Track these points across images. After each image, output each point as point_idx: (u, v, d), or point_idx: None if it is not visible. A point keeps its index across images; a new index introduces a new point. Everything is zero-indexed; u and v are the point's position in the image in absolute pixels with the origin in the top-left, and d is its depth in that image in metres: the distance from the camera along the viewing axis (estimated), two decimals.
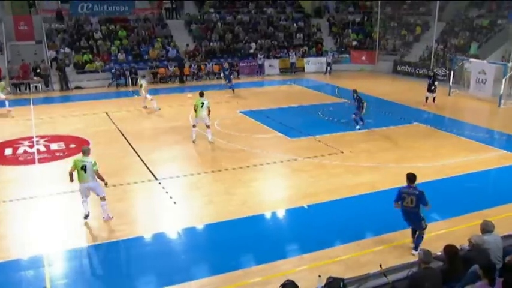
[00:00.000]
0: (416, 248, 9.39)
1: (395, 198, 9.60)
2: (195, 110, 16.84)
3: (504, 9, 33.28)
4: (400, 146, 16.99)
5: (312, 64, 35.91)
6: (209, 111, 16.93)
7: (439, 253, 7.29)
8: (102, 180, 11.01)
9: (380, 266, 6.97)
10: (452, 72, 27.14)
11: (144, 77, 26.52)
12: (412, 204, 9.36)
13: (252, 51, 34.76)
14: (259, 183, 13.48)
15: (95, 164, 10.84)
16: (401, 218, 9.80)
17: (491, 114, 23.25)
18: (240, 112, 22.02)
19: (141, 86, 23.18)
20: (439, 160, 15.25)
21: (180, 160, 15.57)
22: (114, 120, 20.65)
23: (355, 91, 19.39)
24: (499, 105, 23.69)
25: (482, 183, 13.67)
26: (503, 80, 23.76)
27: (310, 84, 30.99)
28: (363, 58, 37.29)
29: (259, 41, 35.65)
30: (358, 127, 19.11)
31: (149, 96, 22.72)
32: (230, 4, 38.52)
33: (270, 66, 34.53)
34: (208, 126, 16.91)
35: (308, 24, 39.18)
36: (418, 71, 33.03)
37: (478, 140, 17.64)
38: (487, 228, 7.67)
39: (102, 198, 11.13)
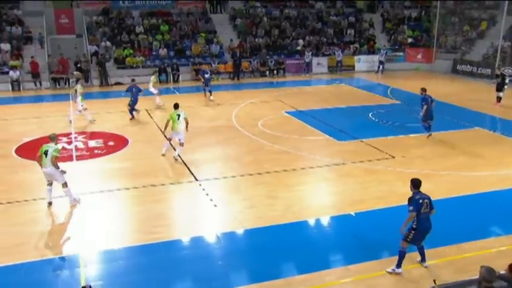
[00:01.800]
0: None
1: (413, 208, 8.96)
2: (172, 124, 15.39)
3: None
4: (458, 152, 16.53)
5: (363, 62, 35.55)
6: (187, 123, 15.53)
7: (503, 272, 7.02)
8: (57, 168, 11.65)
9: (434, 281, 6.80)
10: None
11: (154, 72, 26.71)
12: (427, 209, 9.05)
13: (299, 48, 34.71)
14: (304, 187, 13.44)
15: (56, 150, 11.59)
16: (456, 230, 9.52)
17: None
18: (286, 112, 22.02)
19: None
20: (503, 169, 14.72)
21: (222, 161, 15.71)
22: (154, 117, 21.09)
23: (423, 90, 18.23)
24: None
25: None
26: None
27: (360, 83, 30.62)
28: (419, 56, 36.56)
29: (307, 38, 35.56)
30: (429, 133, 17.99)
31: (155, 91, 23.35)
32: None
33: (318, 64, 34.39)
34: (181, 144, 15.48)
35: (360, 20, 38.76)
36: (481, 70, 32.03)
37: None
38: None
39: (63, 185, 11.81)
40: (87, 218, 11.70)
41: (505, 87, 23.19)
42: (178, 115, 15.39)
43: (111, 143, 17.54)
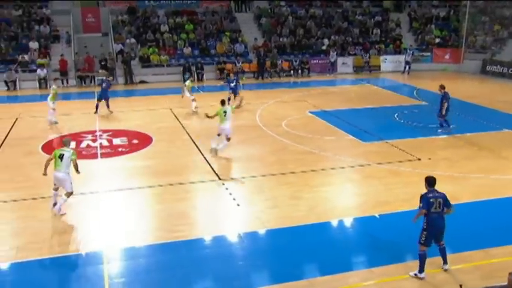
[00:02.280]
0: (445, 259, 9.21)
1: (422, 206, 8.93)
2: (219, 120, 15.86)
3: None
4: (486, 155, 16.22)
5: (389, 62, 35.21)
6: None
7: None
8: (77, 170, 11.52)
9: (460, 286, 6.68)
10: None
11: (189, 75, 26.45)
12: (439, 209, 8.97)
13: (324, 47, 34.55)
14: (328, 188, 13.36)
15: (74, 154, 11.52)
16: (484, 235, 9.33)
17: None
18: (310, 112, 21.93)
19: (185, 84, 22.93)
20: None
21: (245, 161, 15.73)
22: (178, 116, 21.23)
23: (442, 87, 18.82)
24: None
25: None
26: None
27: (386, 84, 30.31)
28: (447, 57, 36.03)
29: (332, 37, 35.37)
30: (440, 130, 18.65)
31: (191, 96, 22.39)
32: None
33: (343, 64, 34.18)
34: (228, 139, 15.88)
35: (386, 19, 38.37)
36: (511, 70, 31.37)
37: None
38: None
39: (67, 194, 11.53)
40: (111, 215, 11.84)
41: None
42: (225, 112, 15.66)
43: (135, 141, 17.72)
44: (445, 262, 9.27)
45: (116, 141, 17.77)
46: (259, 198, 12.70)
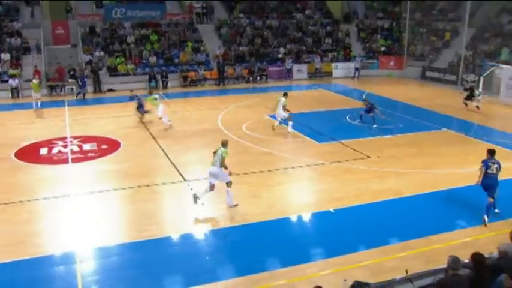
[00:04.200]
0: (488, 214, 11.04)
1: (484, 167, 11.05)
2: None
3: None
4: (427, 152, 16.71)
5: (340, 69, 35.72)
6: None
7: (467, 261, 7.13)
8: (226, 168, 11.71)
9: (406, 271, 6.86)
10: (481, 79, 26.55)
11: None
12: (496, 172, 11.00)
13: (280, 55, 34.79)
14: (286, 187, 13.46)
15: (225, 152, 11.77)
16: (426, 224, 9.66)
17: None
18: (268, 116, 22.01)
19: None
20: (468, 167, 14.86)
21: (208, 162, 15.53)
22: (145, 122, 20.93)
23: (365, 99, 21.22)
24: None
25: (511, 191, 13.30)
26: None
27: (338, 89, 30.79)
28: (391, 64, 36.89)
29: (287, 46, 35.67)
30: (357, 121, 20.58)
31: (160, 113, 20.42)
32: (259, 9, 38.65)
33: (298, 71, 34.49)
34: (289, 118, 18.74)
35: (337, 30, 38.98)
36: (447, 77, 32.46)
37: (509, 147, 17.18)
38: None
39: (227, 184, 11.83)
40: (82, 217, 11.58)
41: (476, 97, 23.48)
42: (278, 101, 18.26)
43: (104, 146, 17.38)
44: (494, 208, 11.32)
45: (86, 146, 17.39)
46: (221, 197, 12.65)
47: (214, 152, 11.95)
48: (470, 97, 23.61)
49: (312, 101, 26.48)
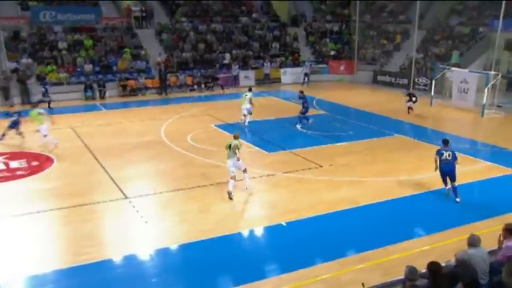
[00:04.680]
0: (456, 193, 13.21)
1: (438, 155, 13.32)
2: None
3: (485, 17, 34.19)
4: (381, 158, 17.21)
5: (288, 75, 36.22)
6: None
7: (424, 270, 7.36)
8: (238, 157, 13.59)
9: (363, 285, 7.01)
10: (433, 82, 27.71)
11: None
12: (450, 158, 13.19)
13: (226, 61, 34.92)
14: (235, 200, 13.44)
15: (239, 144, 13.77)
16: (383, 234, 9.92)
17: (475, 125, 23.80)
18: (215, 126, 22.02)
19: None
20: (422, 173, 15.48)
21: (151, 177, 15.46)
22: (81, 135, 20.40)
23: (301, 92, 22.70)
24: (482, 115, 24.29)
25: (468, 196, 13.88)
26: (486, 90, 24.38)
27: (287, 95, 31.22)
28: (342, 68, 37.82)
29: (233, 51, 35.87)
30: (298, 126, 21.72)
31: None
32: (203, 13, 38.69)
33: (245, 77, 34.67)
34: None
35: (284, 34, 39.59)
36: (399, 81, 33.61)
37: (462, 151, 17.91)
38: (472, 242, 7.78)
39: (244, 171, 13.87)
40: (11, 243, 11.08)
41: (412, 103, 24.66)
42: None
43: (35, 163, 16.78)
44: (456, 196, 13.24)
45: (14, 164, 16.71)
46: (167, 214, 12.52)
47: (228, 146, 13.73)
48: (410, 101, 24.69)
49: (260, 109, 26.58)
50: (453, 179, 13.28)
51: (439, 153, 13.38)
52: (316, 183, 14.57)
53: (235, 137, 13.99)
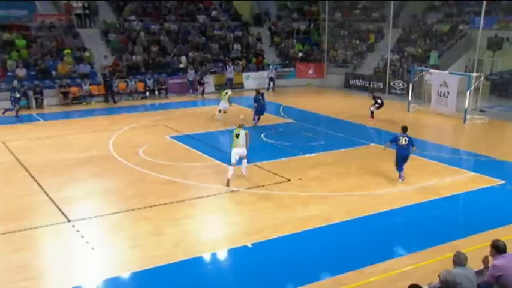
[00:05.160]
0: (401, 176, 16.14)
1: (391, 140, 16.34)
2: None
3: (465, 14, 35.25)
4: (355, 171, 17.41)
5: (252, 80, 36.37)
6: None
7: None
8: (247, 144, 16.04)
9: None
10: (411, 86, 28.31)
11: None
12: (405, 143, 15.86)
13: (182, 65, 34.81)
14: (194, 220, 13.35)
15: (247, 132, 16.09)
16: (358, 255, 10.00)
17: (456, 132, 24.43)
18: (170, 137, 21.86)
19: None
20: (400, 185, 15.74)
21: (98, 197, 15.18)
22: (14, 150, 19.89)
23: (257, 91, 24.94)
24: (464, 121, 24.93)
25: (451, 210, 14.20)
26: (468, 93, 25.02)
27: (250, 102, 31.27)
28: (310, 72, 38.27)
29: (190, 54, 35.80)
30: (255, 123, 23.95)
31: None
32: (154, 10, 38.53)
33: (204, 83, 34.62)
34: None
35: (246, 34, 39.83)
36: (373, 84, 34.20)
37: (443, 161, 18.40)
38: (458, 261, 7.89)
39: (245, 158, 16.26)
40: None
41: (375, 108, 25.36)
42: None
43: None
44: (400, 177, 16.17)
45: None
46: (116, 238, 12.30)
47: (237, 135, 15.90)
48: (380, 106, 25.33)
49: (221, 117, 26.64)
50: (405, 162, 16.24)
51: (395, 138, 16.13)
52: (283, 200, 14.60)
53: (240, 126, 16.23)
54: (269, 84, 35.37)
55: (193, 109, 29.31)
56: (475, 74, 25.95)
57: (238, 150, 15.94)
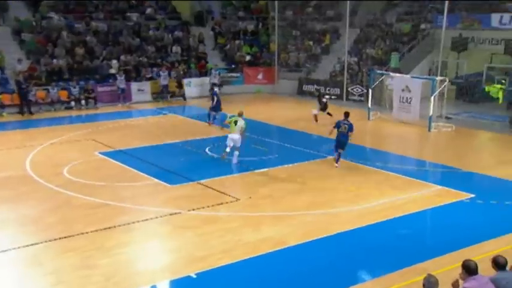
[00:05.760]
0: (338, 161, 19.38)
1: (335, 126, 19.40)
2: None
3: (427, 12, 36.26)
4: (311, 187, 17.55)
5: (194, 86, 36.34)
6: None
7: None
8: (243, 135, 19.66)
9: None
10: (370, 91, 28.83)
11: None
12: (345, 131, 18.89)
13: (113, 71, 34.41)
14: (130, 249, 13.13)
15: (244, 123, 19.59)
16: (317, 281, 10.04)
17: (421, 141, 25.05)
18: (100, 154, 21.51)
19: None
20: (362, 202, 15.94)
21: (12, 226, 14.71)
22: None
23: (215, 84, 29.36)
24: (429, 130, 25.59)
25: (417, 228, 14.47)
26: (432, 98, 25.69)
27: (193, 112, 31.25)
28: (260, 77, 38.53)
29: (122, 57, 35.41)
30: (209, 122, 26.84)
31: None
32: (79, 7, 37.91)
33: (138, 90, 34.42)
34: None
35: (187, 35, 39.76)
36: (330, 90, 34.67)
37: (407, 174, 18.78)
38: (428, 285, 7.97)
39: (237, 149, 19.57)
40: None
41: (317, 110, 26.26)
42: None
43: None
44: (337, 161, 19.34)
45: None
46: (35, 274, 11.93)
47: (235, 122, 19.45)
48: (324, 108, 25.97)
49: (159, 130, 26.46)
50: (343, 148, 19.23)
51: (337, 125, 19.31)
52: (232, 222, 14.55)
53: (240, 114, 19.76)
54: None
55: (126, 121, 28.97)
56: (439, 78, 26.69)
57: (234, 136, 19.35)
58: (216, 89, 29.39)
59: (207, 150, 21.97)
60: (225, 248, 12.88)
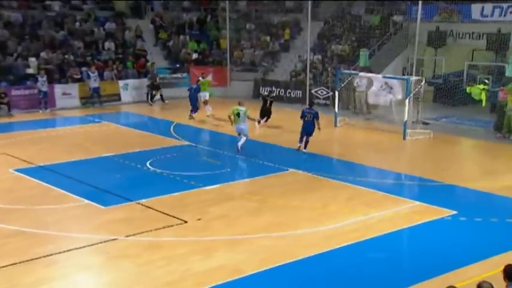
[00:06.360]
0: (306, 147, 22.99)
1: (300, 116, 22.97)
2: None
3: (400, 1, 36.74)
4: (272, 205, 17.54)
5: (131, 89, 36.17)
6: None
7: None
8: (253, 119, 23.69)
9: None
10: (337, 94, 29.01)
11: None
12: (310, 119, 22.47)
13: (31, 70, 33.86)
14: (54, 285, 12.85)
15: (246, 111, 23.14)
16: None
17: (396, 151, 25.36)
18: (15, 171, 21.07)
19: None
20: (329, 222, 15.98)
21: None
22: None
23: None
24: (404, 137, 25.90)
25: (393, 251, 14.56)
26: (407, 101, 25.98)
27: (130, 120, 31.00)
28: (209, 78, 38.36)
29: (42, 54, 34.86)
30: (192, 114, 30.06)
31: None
32: None
33: (64, 94, 33.99)
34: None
35: (122, 28, 39.47)
36: (290, 93, 34.81)
37: (381, 189, 18.94)
38: None
39: (246, 135, 23.00)
40: None
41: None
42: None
43: None
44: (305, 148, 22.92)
45: None
46: None
47: (238, 114, 22.79)
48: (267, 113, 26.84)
49: (91, 142, 26.10)
50: (309, 135, 22.73)
51: (302, 114, 22.95)
52: (178, 248, 14.42)
53: (240, 104, 23.59)
54: (150, 95, 35.12)
55: (49, 131, 28.51)
56: (414, 78, 26.98)
57: (241, 126, 22.96)
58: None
59: (148, 164, 21.77)
60: (170, 280, 12.74)
